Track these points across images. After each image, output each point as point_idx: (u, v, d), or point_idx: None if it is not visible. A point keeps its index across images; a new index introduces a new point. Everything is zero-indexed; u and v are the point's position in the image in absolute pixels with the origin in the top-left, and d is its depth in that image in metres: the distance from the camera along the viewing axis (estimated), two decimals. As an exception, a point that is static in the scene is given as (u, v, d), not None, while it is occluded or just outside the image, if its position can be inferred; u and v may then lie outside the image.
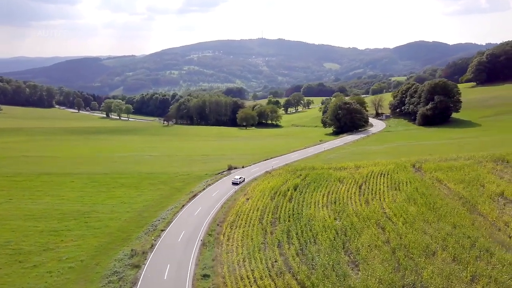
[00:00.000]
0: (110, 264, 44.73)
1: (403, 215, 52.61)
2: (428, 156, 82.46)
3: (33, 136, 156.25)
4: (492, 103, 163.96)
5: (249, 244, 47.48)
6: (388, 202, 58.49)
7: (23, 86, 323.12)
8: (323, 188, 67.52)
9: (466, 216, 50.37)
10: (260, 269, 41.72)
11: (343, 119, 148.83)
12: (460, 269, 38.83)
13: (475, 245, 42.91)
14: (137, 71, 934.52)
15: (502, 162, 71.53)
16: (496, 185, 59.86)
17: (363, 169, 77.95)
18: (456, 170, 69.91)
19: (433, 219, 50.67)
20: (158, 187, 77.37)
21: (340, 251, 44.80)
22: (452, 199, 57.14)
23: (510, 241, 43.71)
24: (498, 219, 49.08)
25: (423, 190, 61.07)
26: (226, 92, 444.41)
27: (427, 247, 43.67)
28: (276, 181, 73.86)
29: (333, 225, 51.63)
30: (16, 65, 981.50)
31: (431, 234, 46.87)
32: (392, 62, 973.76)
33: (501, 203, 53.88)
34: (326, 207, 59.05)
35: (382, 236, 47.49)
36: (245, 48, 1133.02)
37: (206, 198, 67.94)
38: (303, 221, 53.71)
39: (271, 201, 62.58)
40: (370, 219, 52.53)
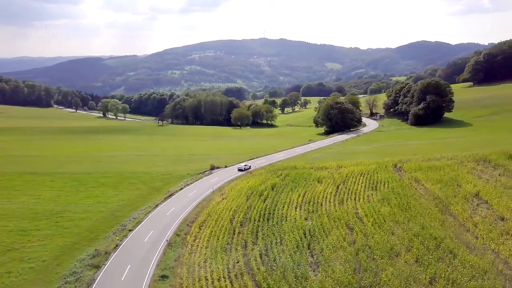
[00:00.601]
0: (71, 264, 44.22)
1: (374, 215, 51.84)
2: (412, 156, 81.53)
3: (24, 135, 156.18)
4: (487, 103, 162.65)
5: (214, 245, 46.86)
6: (362, 202, 57.74)
7: (22, 86, 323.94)
8: (300, 188, 66.75)
9: (436, 217, 49.58)
10: (220, 270, 41.11)
11: (334, 118, 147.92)
12: (420, 271, 38.05)
13: (440, 246, 42.13)
14: (138, 71, 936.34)
15: (484, 162, 70.66)
16: (473, 185, 58.99)
17: (344, 169, 77.15)
18: (436, 170, 69.04)
19: (403, 219, 49.87)
20: (138, 187, 76.87)
21: (305, 252, 44.11)
22: (427, 199, 56.31)
23: (476, 242, 42.89)
24: (468, 220, 48.26)
25: (399, 190, 60.26)
26: (226, 92, 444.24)
27: (391, 248, 42.90)
28: (255, 180, 73.20)
29: (303, 225, 50.92)
30: (18, 65, 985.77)
31: (398, 235, 46.11)
32: (394, 62, 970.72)
33: (474, 204, 53.04)
34: (300, 207, 58.31)
35: (349, 237, 46.74)
36: (247, 48, 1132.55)
37: (182, 198, 67.36)
38: (274, 221, 53.05)
39: (246, 201, 61.89)
40: (340, 220, 51.78)
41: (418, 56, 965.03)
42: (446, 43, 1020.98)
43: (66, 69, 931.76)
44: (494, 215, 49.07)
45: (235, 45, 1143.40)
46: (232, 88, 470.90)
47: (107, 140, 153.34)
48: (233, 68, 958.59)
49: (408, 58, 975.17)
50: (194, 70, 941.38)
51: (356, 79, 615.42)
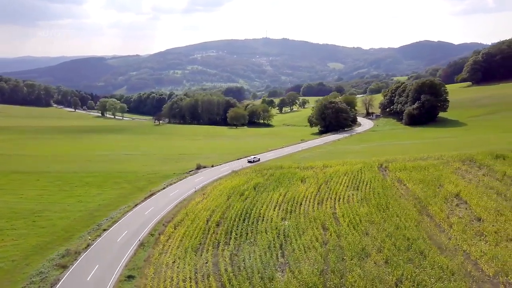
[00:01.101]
0: (39, 264, 43.86)
1: (351, 216, 51.22)
2: (399, 156, 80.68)
3: (18, 134, 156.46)
4: (484, 103, 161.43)
5: (186, 245, 46.35)
6: (341, 202, 57.09)
7: (21, 85, 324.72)
8: (282, 188, 66.12)
9: (413, 217, 48.92)
10: (187, 270, 40.65)
11: (328, 118, 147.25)
12: (388, 272, 37.43)
13: (411, 247, 41.49)
14: (140, 70, 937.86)
15: (469, 162, 69.87)
16: (455, 186, 58.31)
17: (329, 168, 76.47)
18: (420, 170, 68.31)
19: (380, 220, 49.25)
20: (122, 186, 76.58)
21: (275, 252, 43.58)
22: (407, 199, 55.61)
23: (449, 243, 42.23)
24: (444, 220, 47.62)
25: (380, 191, 59.59)
26: (226, 91, 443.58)
27: (363, 249, 42.30)
28: (239, 180, 72.65)
29: (278, 225, 50.36)
30: (22, 65, 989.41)
31: (372, 235, 45.50)
32: (396, 61, 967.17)
33: (453, 204, 52.38)
34: (279, 207, 57.68)
35: (322, 238, 46.19)
36: (249, 47, 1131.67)
37: (163, 198, 66.97)
38: (250, 221, 52.52)
39: (225, 201, 61.32)
40: (316, 220, 51.24)
41: (421, 56, 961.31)
42: (449, 43, 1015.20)
43: (69, 68, 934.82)
44: (471, 215, 48.40)
45: (237, 45, 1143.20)
46: (232, 87, 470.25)
47: (101, 139, 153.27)
48: (235, 68, 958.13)
49: (411, 58, 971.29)
50: (196, 70, 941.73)
51: (357, 79, 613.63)
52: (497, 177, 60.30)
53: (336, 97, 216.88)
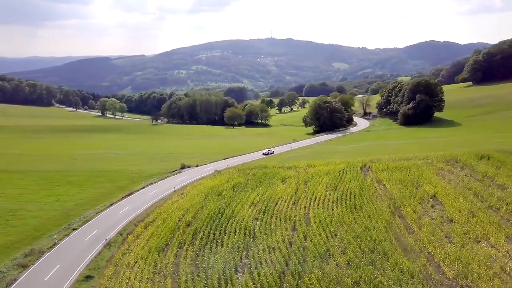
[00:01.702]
0: (1, 264, 43.46)
1: (322, 216, 50.46)
2: (385, 156, 79.77)
3: (12, 133, 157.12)
4: (481, 103, 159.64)
5: (151, 245, 45.77)
6: (317, 202, 56.31)
7: (23, 85, 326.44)
8: (261, 188, 65.45)
9: (384, 218, 48.03)
10: (146, 271, 40.06)
11: (322, 118, 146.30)
12: (347, 274, 36.60)
13: (376, 249, 40.62)
14: (145, 70, 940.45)
15: (454, 162, 69.03)
16: (433, 186, 57.41)
17: (312, 168, 75.73)
18: (402, 170, 67.41)
19: (351, 221, 48.43)
20: (103, 185, 76.25)
21: (240, 253, 42.91)
22: (382, 200, 54.71)
23: (415, 244, 41.28)
24: (415, 221, 46.71)
25: (357, 191, 58.75)
26: (228, 91, 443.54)
27: (327, 250, 41.54)
28: (220, 180, 72.06)
29: (248, 225, 49.65)
30: (28, 65, 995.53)
31: (340, 236, 44.69)
32: (401, 62, 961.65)
33: (428, 205, 51.41)
34: (254, 207, 56.96)
35: (290, 238, 45.46)
36: (254, 47, 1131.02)
37: (141, 197, 66.58)
38: (221, 221, 51.83)
39: (201, 201, 60.71)
40: (287, 220, 50.54)
41: (426, 56, 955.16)
42: (455, 43, 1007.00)
43: (75, 69, 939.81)
44: (444, 217, 47.45)
45: (242, 45, 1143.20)
46: (234, 87, 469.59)
47: (94, 138, 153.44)
48: (240, 68, 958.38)
49: (416, 58, 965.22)
50: (201, 70, 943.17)
51: (361, 79, 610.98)
52: (478, 178, 59.34)
53: (336, 97, 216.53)
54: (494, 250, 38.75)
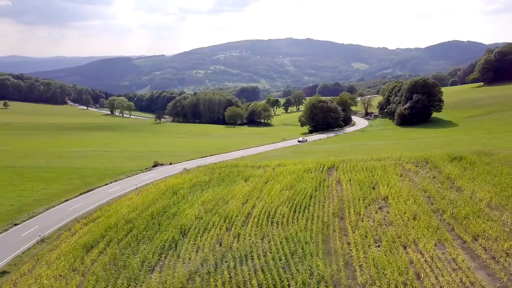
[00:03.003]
0: None
1: (263, 216, 49.10)
2: (360, 156, 77.58)
3: (9, 130, 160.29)
4: (483, 103, 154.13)
5: (80, 242, 45.26)
6: (265, 202, 54.80)
7: (38, 84, 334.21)
8: (221, 187, 64.51)
9: (323, 220, 46.35)
10: (61, 268, 39.50)
11: (316, 118, 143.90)
12: (254, 277, 35.18)
13: (297, 252, 39.01)
14: (164, 70, 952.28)
15: (424, 163, 66.71)
16: (390, 188, 55.42)
17: (281, 167, 74.26)
18: (367, 170, 65.38)
19: (290, 221, 46.91)
20: (72, 182, 76.43)
21: (165, 252, 41.93)
22: (331, 201, 52.92)
23: (340, 248, 39.44)
24: (353, 224, 44.86)
25: (310, 191, 57.12)
26: (241, 91, 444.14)
27: (250, 252, 40.15)
28: (183, 178, 71.30)
29: (186, 224, 48.59)
30: (54, 64, 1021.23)
31: (272, 238, 43.22)
32: (423, 62, 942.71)
33: (376, 207, 49.43)
34: (203, 205, 55.87)
35: (221, 238, 44.27)
36: (272, 47, 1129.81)
37: (99, 194, 66.31)
38: (162, 218, 50.98)
39: (154, 199, 60.07)
40: (227, 219, 49.29)
41: (449, 56, 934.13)
42: (479, 42, 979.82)
43: (97, 68, 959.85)
44: (386, 219, 45.42)
45: (261, 45, 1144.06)
46: (247, 87, 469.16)
47: (93, 136, 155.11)
48: (258, 68, 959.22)
49: (438, 58, 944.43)
50: (219, 70, 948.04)
51: (378, 79, 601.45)
52: (440, 180, 56.97)
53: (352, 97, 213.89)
54: (418, 255, 36.65)
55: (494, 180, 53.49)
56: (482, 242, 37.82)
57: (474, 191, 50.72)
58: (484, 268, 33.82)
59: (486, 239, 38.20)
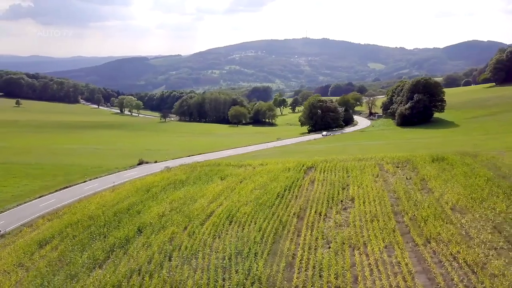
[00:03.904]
0: None
1: (224, 215, 48.31)
2: (343, 156, 76.18)
3: (13, 128, 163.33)
4: (489, 104, 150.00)
5: (34, 238, 45.35)
6: (234, 201, 54.00)
7: (51, 83, 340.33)
8: (195, 185, 64.03)
9: (281, 219, 45.44)
10: (8, 263, 39.60)
11: (315, 117, 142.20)
12: (188, 276, 34.54)
13: (243, 252, 38.21)
14: (180, 70, 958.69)
15: (405, 164, 65.13)
16: (361, 188, 54.33)
17: (262, 167, 73.46)
18: (345, 170, 64.24)
19: (248, 221, 46.07)
20: (55, 178, 76.97)
21: (116, 249, 41.63)
22: (298, 200, 51.96)
23: (289, 249, 38.43)
24: (310, 225, 43.86)
25: (279, 190, 56.06)
26: (253, 91, 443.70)
27: (197, 252, 39.52)
28: (162, 176, 71.10)
29: (145, 222, 48.22)
30: (73, 64, 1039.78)
31: (224, 238, 42.44)
32: (441, 62, 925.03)
33: (341, 208, 48.30)
34: (170, 204, 55.48)
35: (174, 236, 43.76)
36: (288, 47, 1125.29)
37: (75, 191, 66.60)
38: (122, 216, 50.75)
39: (125, 197, 59.93)
40: (186, 218, 48.71)
41: (468, 56, 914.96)
42: (499, 42, 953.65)
43: (114, 68, 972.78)
44: (346, 220, 44.20)
45: (276, 45, 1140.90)
46: (259, 87, 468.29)
47: (92, 134, 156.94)
48: (273, 68, 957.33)
49: (457, 59, 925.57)
50: (234, 70, 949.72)
51: (394, 80, 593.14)
52: (414, 181, 55.38)
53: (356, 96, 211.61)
54: (364, 258, 35.44)
55: (467, 182, 51.70)
56: (433, 245, 36.44)
57: (443, 193, 49.13)
58: (427, 272, 32.48)
59: (437, 243, 36.80)
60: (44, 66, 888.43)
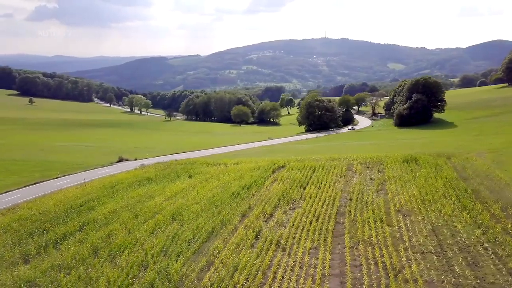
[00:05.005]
0: None
1: (169, 214, 47.71)
2: (319, 155, 74.87)
3: (19, 125, 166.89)
4: (497, 104, 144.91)
5: (-16, 232, 45.64)
6: (188, 199, 53.36)
7: (65, 82, 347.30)
8: (160, 183, 63.76)
9: (221, 218, 44.58)
10: None
11: (311, 117, 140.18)
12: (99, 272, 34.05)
13: (168, 250, 37.49)
14: (198, 70, 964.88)
15: (377, 165, 63.81)
16: (317, 188, 53.24)
17: (235, 166, 72.71)
18: (311, 170, 63.18)
19: (190, 219, 45.33)
20: (32, 174, 77.40)
21: (51, 245, 41.55)
22: (250, 199, 51.03)
23: (215, 248, 37.50)
24: (250, 223, 42.76)
25: (239, 190, 55.15)
26: (265, 91, 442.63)
27: (124, 248, 39.01)
28: (133, 174, 71.03)
29: (92, 219, 48.00)
30: (95, 64, 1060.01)
31: (156, 235, 41.76)
32: (463, 62, 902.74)
33: (287, 208, 47.22)
34: (126, 201, 55.17)
35: (113, 233, 43.33)
36: (306, 47, 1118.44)
37: (43, 187, 66.68)
38: (73, 213, 50.70)
39: (88, 194, 59.91)
40: (135, 214, 48.34)
41: (492, 56, 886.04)
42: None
43: (133, 67, 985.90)
44: (286, 221, 42.99)
45: (295, 45, 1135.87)
46: (272, 87, 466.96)
47: (92, 132, 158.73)
48: (290, 67, 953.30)
49: (480, 59, 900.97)
50: (251, 70, 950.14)
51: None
52: (376, 182, 54.09)
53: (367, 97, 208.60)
54: (285, 259, 34.25)
55: (426, 184, 50.02)
56: (360, 248, 35.03)
57: (396, 194, 47.65)
58: (341, 276, 31.09)
59: (366, 245, 35.40)
60: (67, 66, 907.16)
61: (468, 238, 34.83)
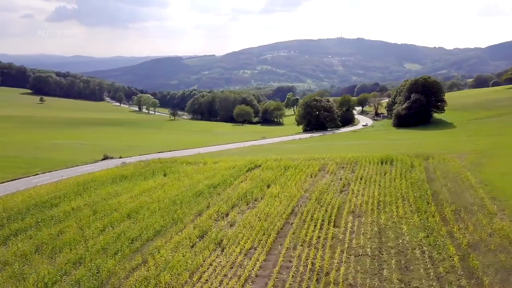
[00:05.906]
0: None
1: (127, 211, 47.50)
2: (301, 155, 73.91)
3: (25, 123, 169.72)
4: (502, 104, 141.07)
5: None
6: (153, 198, 53.07)
7: (77, 81, 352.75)
8: (134, 181, 63.81)
9: (174, 216, 44.12)
10: None
11: (308, 116, 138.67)
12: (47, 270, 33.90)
13: (130, 248, 37.20)
14: (212, 70, 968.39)
15: (352, 165, 62.54)
16: (280, 187, 52.38)
17: (213, 165, 72.30)
18: (283, 169, 62.78)
19: (143, 217, 44.95)
20: (15, 171, 77.95)
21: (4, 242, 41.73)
22: (212, 199, 50.47)
23: (152, 243, 37.04)
24: (199, 223, 42.20)
25: (204, 189, 54.68)
26: (276, 91, 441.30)
27: (79, 242, 38.94)
28: (111, 172, 71.18)
29: (50, 216, 48.11)
30: (113, 64, 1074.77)
31: (108, 232, 41.51)
32: (482, 62, 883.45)
33: (244, 207, 46.50)
34: (94, 198, 55.23)
35: (57, 230, 43.28)
36: (322, 47, 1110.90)
37: (19, 183, 67.19)
38: (36, 209, 50.90)
39: (60, 190, 60.22)
40: (93, 212, 48.26)
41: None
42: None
43: (149, 67, 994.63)
44: (238, 220, 42.27)
45: (310, 45, 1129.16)
46: (283, 87, 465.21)
47: (92, 130, 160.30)
48: (305, 67, 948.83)
49: (500, 59, 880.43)
50: (265, 70, 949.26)
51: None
52: (343, 182, 52.97)
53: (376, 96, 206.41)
54: (220, 259, 33.55)
55: (390, 184, 48.87)
56: (298, 249, 34.08)
57: (357, 195, 46.42)
58: (268, 277, 30.18)
59: (303, 247, 34.42)
60: (84, 66, 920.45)
61: (410, 241, 33.55)
